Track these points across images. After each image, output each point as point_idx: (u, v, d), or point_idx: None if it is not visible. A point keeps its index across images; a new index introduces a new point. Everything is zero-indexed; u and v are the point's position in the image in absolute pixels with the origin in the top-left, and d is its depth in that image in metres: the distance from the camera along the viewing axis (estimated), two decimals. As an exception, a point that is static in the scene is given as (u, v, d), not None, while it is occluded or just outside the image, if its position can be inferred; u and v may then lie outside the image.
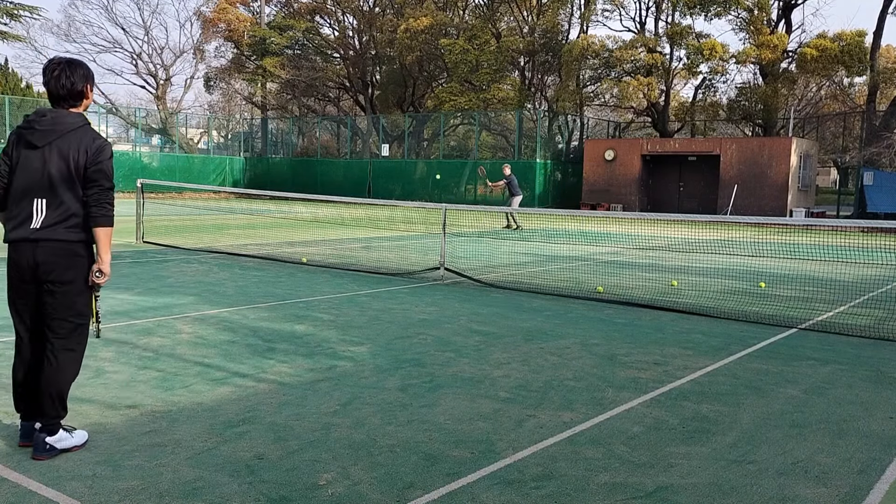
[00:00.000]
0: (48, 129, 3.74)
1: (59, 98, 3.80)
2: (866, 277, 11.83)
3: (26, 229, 3.71)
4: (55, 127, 3.74)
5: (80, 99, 3.86)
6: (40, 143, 3.73)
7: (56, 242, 3.70)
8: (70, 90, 3.79)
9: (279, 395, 4.88)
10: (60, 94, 3.78)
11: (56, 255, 3.71)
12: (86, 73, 3.85)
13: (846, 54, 31.47)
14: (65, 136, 3.73)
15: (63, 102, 3.81)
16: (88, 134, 3.78)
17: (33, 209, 3.71)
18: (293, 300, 8.52)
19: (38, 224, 3.70)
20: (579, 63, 35.51)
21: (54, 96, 3.80)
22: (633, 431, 4.39)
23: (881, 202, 26.38)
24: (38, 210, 3.71)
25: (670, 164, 32.29)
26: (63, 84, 3.77)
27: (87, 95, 3.88)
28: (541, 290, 9.74)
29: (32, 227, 3.70)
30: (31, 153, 3.74)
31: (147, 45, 70.57)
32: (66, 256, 3.73)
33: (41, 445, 3.75)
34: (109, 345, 6.10)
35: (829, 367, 6.05)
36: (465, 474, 3.70)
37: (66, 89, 3.78)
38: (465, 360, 5.94)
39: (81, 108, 3.88)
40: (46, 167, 3.71)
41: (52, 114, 3.78)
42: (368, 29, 43.72)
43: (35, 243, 3.70)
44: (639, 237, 19.64)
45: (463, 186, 34.88)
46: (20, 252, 3.73)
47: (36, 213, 3.71)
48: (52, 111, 3.80)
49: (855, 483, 3.73)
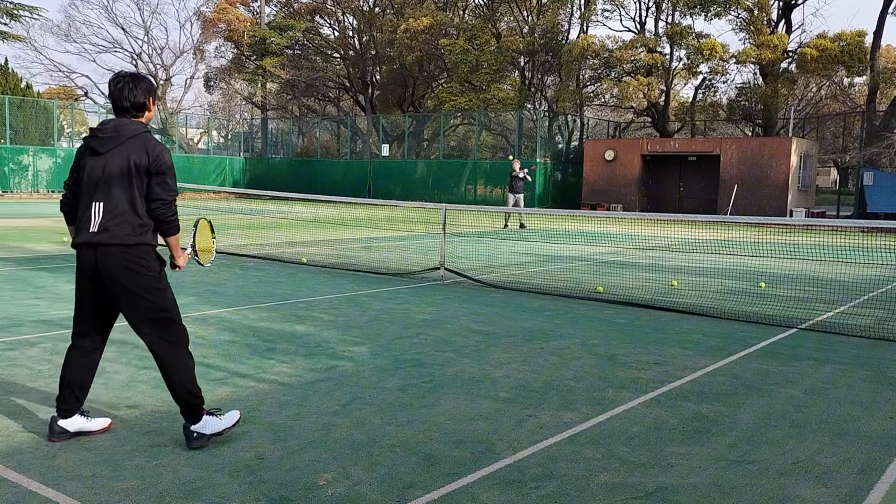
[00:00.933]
0: (110, 135, 3.88)
1: (123, 109, 3.94)
2: (866, 277, 11.83)
3: (86, 234, 3.84)
4: (116, 133, 3.88)
5: (143, 111, 3.98)
6: (102, 150, 3.86)
7: (112, 247, 3.80)
8: (133, 102, 3.93)
9: (279, 395, 4.89)
10: (124, 106, 3.93)
11: (114, 259, 3.81)
12: (148, 87, 3.99)
13: (846, 54, 31.48)
14: (126, 142, 3.86)
15: (126, 113, 3.95)
16: (149, 140, 3.91)
17: (91, 212, 3.84)
18: (293, 300, 8.52)
19: (96, 227, 3.81)
20: (579, 63, 35.52)
21: (118, 107, 3.94)
22: (633, 431, 4.39)
23: (881, 202, 26.37)
24: (95, 213, 3.83)
25: (670, 164, 32.28)
26: (126, 96, 3.91)
27: (150, 108, 4.01)
28: (541, 290, 9.74)
29: (91, 231, 3.82)
30: (95, 159, 3.88)
31: (147, 45, 70.61)
32: (123, 260, 3.81)
33: (189, 435, 3.92)
34: (109, 345, 6.08)
35: (829, 367, 6.05)
36: (465, 474, 3.70)
37: (129, 101, 3.92)
38: (465, 360, 5.94)
39: (143, 120, 4.00)
40: (106, 171, 3.83)
41: (114, 122, 3.94)
42: (368, 29, 43.72)
43: (95, 248, 3.82)
44: (639, 237, 19.64)
45: (463, 186, 34.89)
46: (83, 256, 3.87)
47: (94, 216, 3.83)
48: (115, 120, 3.96)
49: (855, 483, 3.73)
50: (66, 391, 4.01)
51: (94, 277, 3.86)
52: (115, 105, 3.94)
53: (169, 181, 3.88)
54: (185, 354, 3.97)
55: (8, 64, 36.53)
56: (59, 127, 36.86)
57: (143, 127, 3.95)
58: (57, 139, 35.74)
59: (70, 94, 49.84)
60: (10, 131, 33.08)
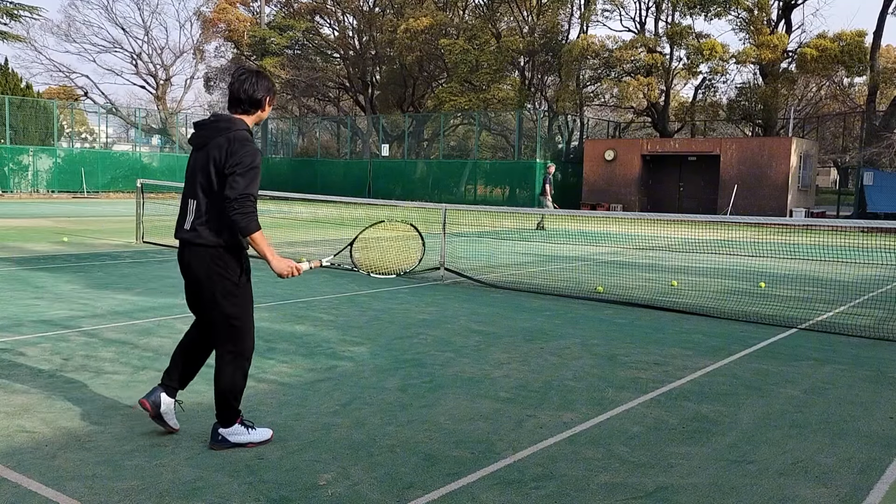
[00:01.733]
0: (206, 131, 3.84)
1: (238, 101, 3.88)
2: (866, 277, 11.83)
3: (181, 230, 3.88)
4: (211, 128, 3.83)
5: (256, 108, 3.92)
6: (198, 145, 3.85)
7: (196, 246, 3.81)
8: (250, 96, 3.86)
9: (279, 395, 4.88)
10: (240, 98, 3.87)
11: (196, 258, 3.82)
12: (269, 87, 3.95)
13: (846, 54, 31.48)
14: (216, 138, 3.77)
15: (239, 107, 3.89)
16: (232, 137, 3.75)
17: (187, 209, 3.85)
18: (293, 300, 8.52)
19: (188, 225, 3.83)
20: (579, 63, 35.52)
21: (234, 98, 3.89)
22: (633, 431, 4.39)
23: (881, 202, 26.37)
24: (189, 210, 3.84)
25: (670, 164, 32.28)
26: (245, 89, 3.85)
27: (264, 108, 3.94)
28: (541, 290, 9.74)
29: (185, 228, 3.85)
30: (195, 154, 3.88)
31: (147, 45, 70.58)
32: (203, 258, 3.81)
33: (214, 435, 3.93)
34: (109, 345, 6.10)
35: (829, 367, 6.05)
36: (465, 474, 3.70)
37: (246, 94, 3.86)
38: (465, 360, 5.94)
39: (254, 118, 3.93)
40: (198, 169, 3.81)
41: (216, 116, 3.89)
42: (368, 29, 43.73)
43: (184, 245, 3.87)
44: (639, 237, 19.64)
45: (463, 186, 34.89)
46: (179, 251, 3.94)
47: (188, 213, 3.84)
48: (219, 114, 3.92)
49: (855, 483, 3.73)
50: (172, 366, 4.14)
51: (185, 274, 3.93)
52: (232, 96, 3.89)
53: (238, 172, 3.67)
54: (233, 368, 3.90)
55: (8, 64, 36.52)
56: (59, 127, 36.87)
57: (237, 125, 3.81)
58: (57, 139, 35.75)
59: (70, 94, 49.85)
60: (10, 131, 33.08)
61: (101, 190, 35.16)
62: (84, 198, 33.53)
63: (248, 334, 3.93)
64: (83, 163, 34.79)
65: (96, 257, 12.03)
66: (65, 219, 20.78)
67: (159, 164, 38.09)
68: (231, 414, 3.93)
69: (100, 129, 42.70)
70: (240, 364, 3.92)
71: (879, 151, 27.46)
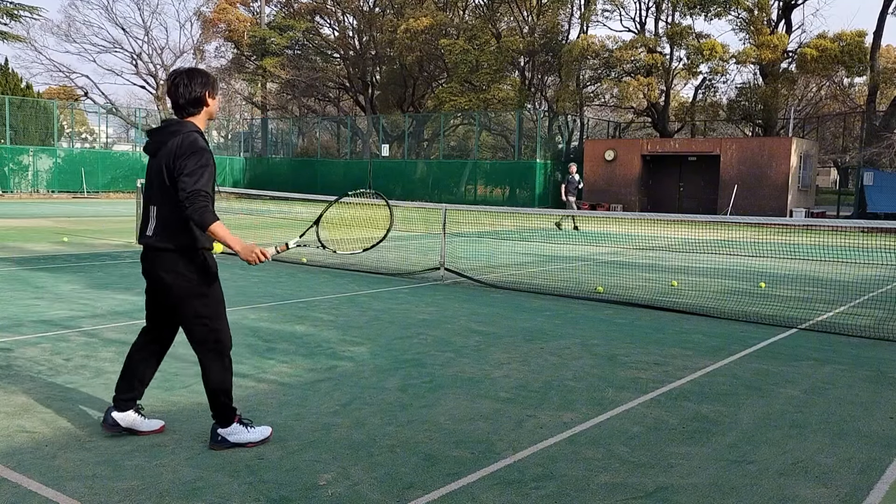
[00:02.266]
0: (158, 137, 3.89)
1: (179, 107, 3.90)
2: (866, 277, 11.83)
3: (144, 236, 3.93)
4: (163, 134, 3.87)
5: (200, 106, 3.91)
6: (153, 153, 3.90)
7: (160, 251, 3.86)
8: (188, 98, 3.87)
9: (279, 395, 4.89)
10: (180, 103, 3.89)
11: (161, 263, 3.87)
12: (205, 81, 3.91)
13: (846, 54, 31.47)
14: (167, 143, 3.82)
15: (183, 110, 3.90)
16: (180, 140, 3.79)
17: (149, 215, 3.92)
18: (293, 300, 8.52)
19: (150, 231, 3.89)
20: (579, 63, 35.51)
21: (174, 105, 3.91)
22: (633, 431, 4.39)
23: (881, 202, 26.37)
24: (151, 216, 3.90)
25: (670, 164, 32.27)
26: (181, 93, 3.86)
27: (208, 102, 3.93)
28: (541, 290, 9.74)
29: (147, 234, 3.91)
30: (150, 162, 3.92)
31: (147, 45, 70.57)
32: (168, 263, 3.85)
33: (214, 436, 3.96)
34: (109, 345, 6.11)
35: (829, 367, 6.05)
36: (465, 474, 3.70)
37: (184, 97, 3.87)
38: (465, 360, 5.94)
39: (202, 116, 3.94)
40: (156, 175, 3.86)
41: (167, 121, 3.93)
42: (368, 29, 43.72)
43: (146, 251, 3.94)
44: (639, 237, 19.64)
45: (463, 186, 34.89)
46: (142, 256, 3.98)
47: (150, 219, 3.91)
48: (168, 120, 3.95)
49: (855, 483, 3.73)
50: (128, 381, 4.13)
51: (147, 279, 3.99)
52: (173, 103, 3.91)
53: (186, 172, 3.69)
54: (219, 363, 3.96)
55: (8, 64, 36.54)
56: (59, 127, 36.87)
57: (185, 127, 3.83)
58: (57, 139, 35.75)
59: (70, 95, 49.85)
60: (10, 131, 33.08)
61: (101, 190, 35.16)
62: (84, 198, 33.54)
63: (224, 332, 3.98)
64: (83, 163, 34.79)
65: (96, 257, 12.03)
66: (65, 219, 20.78)
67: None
68: (227, 413, 3.96)
69: (100, 129, 42.72)
70: (221, 361, 3.97)
71: (879, 151, 27.46)
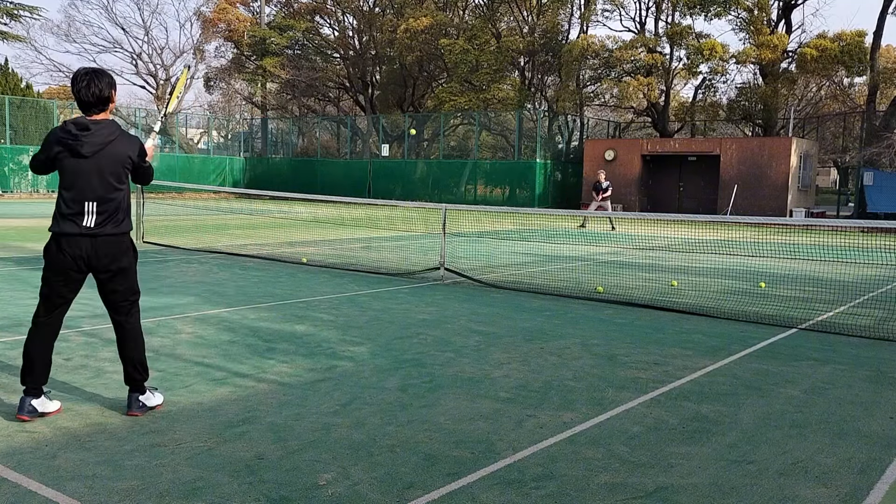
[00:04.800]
0: (94, 140, 4.19)
1: (89, 104, 4.23)
2: (866, 277, 11.83)
3: (80, 227, 4.23)
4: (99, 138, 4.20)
5: (107, 104, 4.30)
6: (88, 153, 4.19)
7: (110, 237, 4.28)
8: (99, 97, 4.23)
9: (279, 395, 4.89)
10: (91, 101, 4.22)
11: (112, 247, 4.29)
12: (110, 81, 4.31)
13: (846, 54, 31.46)
14: (111, 143, 4.23)
15: (93, 108, 4.24)
16: (127, 137, 4.33)
17: (84, 209, 4.23)
18: (293, 300, 8.52)
19: (91, 223, 4.23)
20: (579, 63, 35.50)
21: (84, 103, 4.23)
22: (633, 431, 4.39)
23: (881, 202, 26.38)
24: (88, 211, 4.23)
25: (670, 164, 32.27)
26: (93, 92, 4.20)
27: (112, 99, 4.33)
28: (541, 290, 9.74)
29: (87, 226, 4.23)
30: (82, 162, 4.20)
31: (147, 45, 70.52)
32: (119, 246, 4.33)
33: (135, 403, 4.43)
34: (109, 345, 6.10)
35: (829, 367, 6.05)
36: (465, 474, 3.70)
37: (94, 96, 4.21)
38: (465, 360, 5.94)
39: (108, 112, 4.34)
40: (97, 173, 4.21)
41: (94, 126, 4.22)
42: (368, 29, 43.71)
43: (93, 238, 4.25)
44: (639, 237, 19.64)
45: (463, 186, 34.89)
46: (73, 245, 4.23)
47: (87, 213, 4.23)
48: (93, 123, 4.23)
49: (855, 483, 3.73)
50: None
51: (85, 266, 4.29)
52: (82, 102, 4.20)
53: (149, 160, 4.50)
54: (142, 335, 4.57)
55: (8, 64, 36.52)
56: (59, 127, 36.79)
57: (116, 126, 4.28)
58: (57, 139, 35.67)
59: (70, 95, 49.76)
60: (10, 131, 33.07)
61: (101, 190, 35.08)
62: (84, 198, 33.46)
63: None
64: (83, 163, 34.71)
65: (96, 257, 12.00)
66: (65, 219, 20.73)
67: (159, 165, 38.00)
68: (144, 381, 4.48)
69: (100, 129, 42.71)
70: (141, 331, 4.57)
71: (879, 151, 27.45)
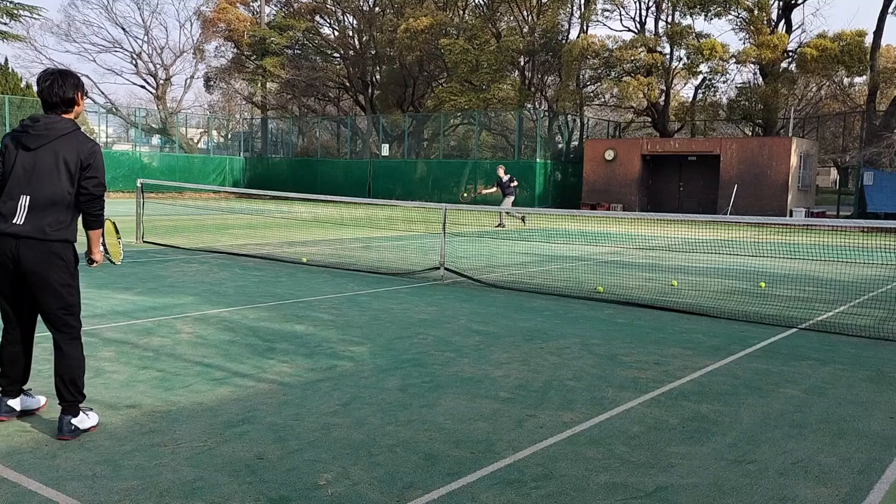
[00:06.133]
0: (41, 133, 3.99)
1: (52, 105, 4.05)
2: (866, 277, 11.83)
3: (10, 224, 3.93)
4: (48, 131, 3.99)
5: (72, 106, 4.10)
6: (33, 146, 3.98)
7: (36, 241, 3.93)
8: (62, 98, 4.04)
9: (279, 395, 4.89)
10: (54, 102, 4.04)
11: (36, 253, 3.94)
12: (76, 83, 4.10)
13: (846, 54, 31.45)
14: (57, 139, 3.99)
15: (56, 109, 4.06)
16: (80, 138, 4.04)
17: (17, 205, 3.95)
18: (293, 300, 8.52)
19: (21, 220, 3.93)
20: (579, 63, 35.49)
21: (47, 103, 4.05)
22: (633, 431, 4.39)
23: (881, 202, 26.38)
24: (21, 206, 3.94)
25: (670, 164, 32.28)
26: (55, 92, 4.02)
27: (79, 103, 4.13)
28: (541, 290, 9.74)
29: (15, 223, 3.93)
30: (25, 154, 3.98)
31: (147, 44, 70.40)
32: (45, 254, 3.96)
33: (66, 426, 4.01)
34: (109, 345, 6.10)
35: (829, 367, 6.05)
36: (465, 474, 3.70)
37: (58, 97, 4.03)
38: (465, 360, 5.94)
39: (73, 115, 4.12)
40: (36, 168, 3.96)
41: (45, 119, 4.04)
42: (368, 29, 43.70)
43: (17, 239, 3.93)
44: (639, 237, 19.64)
45: (463, 186, 34.88)
46: (6, 245, 3.94)
47: (20, 209, 3.94)
48: (46, 117, 4.06)
49: (855, 483, 3.73)
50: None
51: (14, 270, 3.97)
52: (45, 101, 4.03)
53: (98, 177, 4.05)
54: (80, 352, 4.14)
55: (8, 64, 36.49)
56: (59, 127, 36.79)
57: (73, 125, 4.07)
58: (57, 139, 35.69)
59: (70, 95, 49.69)
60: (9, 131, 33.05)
61: (100, 190, 35.10)
62: (84, 198, 33.46)
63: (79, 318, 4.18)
64: (83, 163, 34.74)
65: (96, 257, 12.00)
66: (65, 219, 20.73)
67: (159, 164, 38.06)
68: (77, 402, 4.07)
69: (100, 128, 42.67)
70: (80, 344, 4.16)
71: (879, 151, 27.45)
